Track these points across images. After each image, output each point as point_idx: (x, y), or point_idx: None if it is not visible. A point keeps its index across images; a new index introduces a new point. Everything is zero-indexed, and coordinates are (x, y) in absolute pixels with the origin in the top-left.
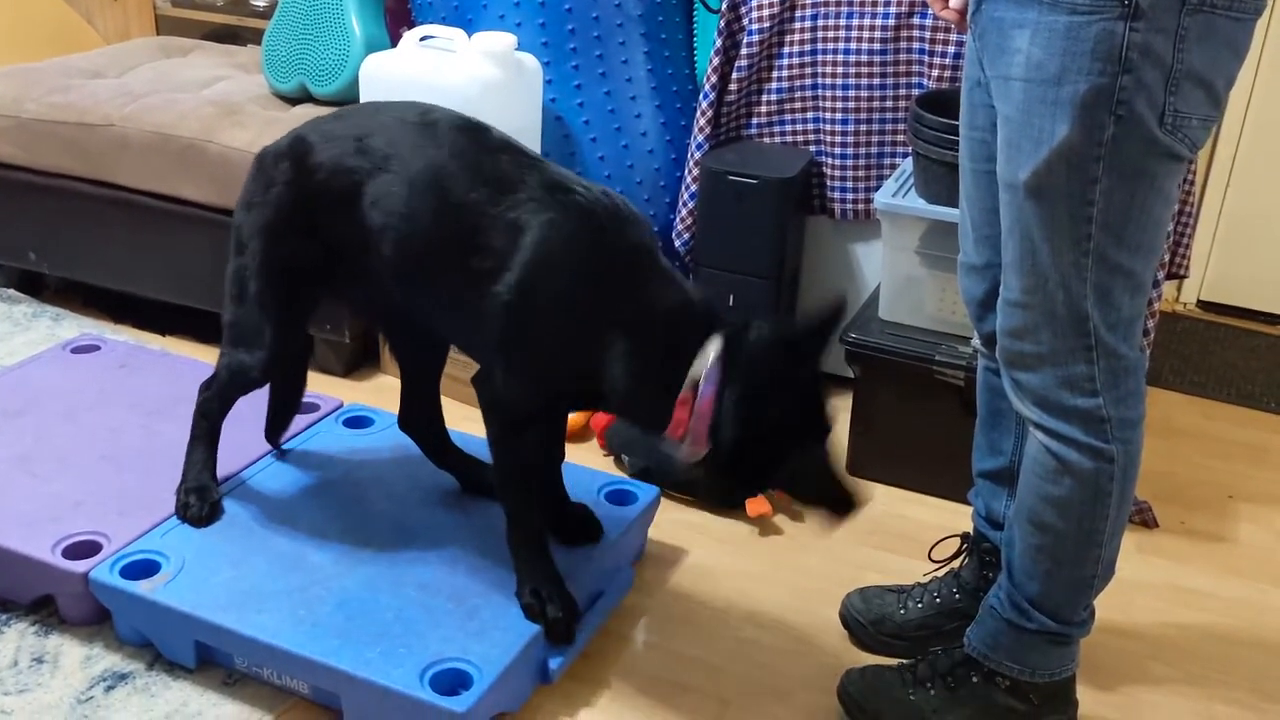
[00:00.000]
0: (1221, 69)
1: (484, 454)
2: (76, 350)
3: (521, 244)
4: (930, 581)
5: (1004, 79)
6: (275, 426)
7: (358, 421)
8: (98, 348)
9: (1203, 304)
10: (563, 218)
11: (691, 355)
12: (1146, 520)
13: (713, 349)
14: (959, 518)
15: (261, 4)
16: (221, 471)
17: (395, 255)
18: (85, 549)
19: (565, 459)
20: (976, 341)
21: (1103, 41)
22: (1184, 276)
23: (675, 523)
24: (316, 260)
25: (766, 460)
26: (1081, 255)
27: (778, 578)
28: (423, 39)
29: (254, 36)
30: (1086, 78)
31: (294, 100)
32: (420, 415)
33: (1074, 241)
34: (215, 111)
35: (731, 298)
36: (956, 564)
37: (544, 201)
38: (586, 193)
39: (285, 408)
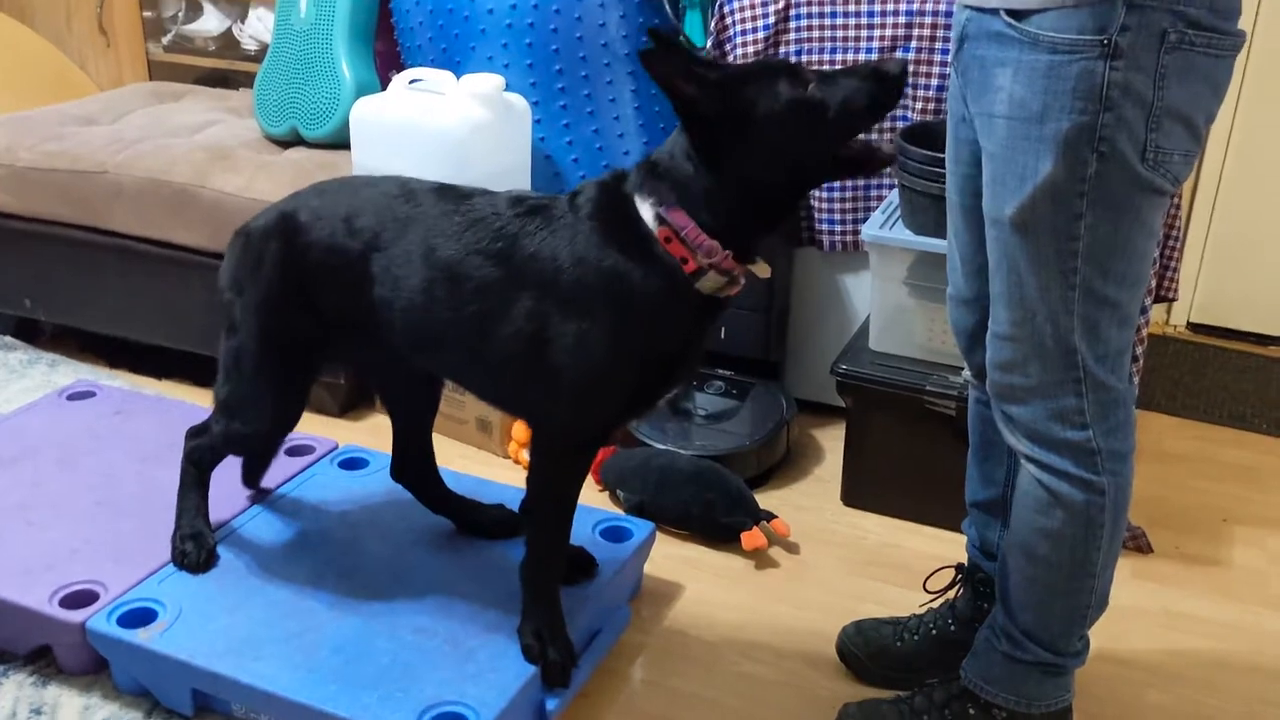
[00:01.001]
0: (1202, 105)
1: (477, 494)
2: (72, 397)
3: (513, 267)
4: (926, 613)
5: (988, 116)
6: (253, 473)
7: (353, 463)
8: (93, 394)
9: (1193, 326)
10: (534, 225)
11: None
12: (1141, 545)
13: (641, 205)
14: (953, 547)
15: (253, 48)
16: (216, 517)
17: (407, 327)
18: (82, 598)
19: None
20: (968, 373)
21: (1083, 80)
22: (1173, 299)
23: (671, 558)
24: (313, 333)
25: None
26: (1068, 289)
27: (774, 611)
28: (412, 82)
29: (246, 80)
30: (1068, 115)
31: (285, 144)
32: (413, 465)
33: (1060, 275)
34: (207, 156)
35: (723, 331)
36: (952, 594)
37: (512, 220)
38: (540, 195)
39: (265, 458)
